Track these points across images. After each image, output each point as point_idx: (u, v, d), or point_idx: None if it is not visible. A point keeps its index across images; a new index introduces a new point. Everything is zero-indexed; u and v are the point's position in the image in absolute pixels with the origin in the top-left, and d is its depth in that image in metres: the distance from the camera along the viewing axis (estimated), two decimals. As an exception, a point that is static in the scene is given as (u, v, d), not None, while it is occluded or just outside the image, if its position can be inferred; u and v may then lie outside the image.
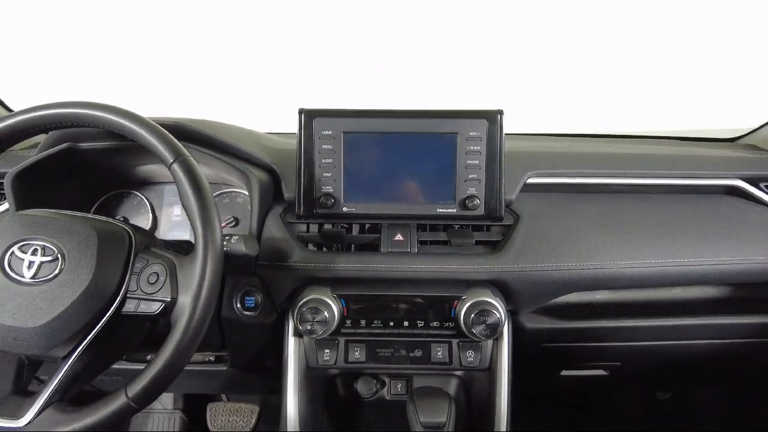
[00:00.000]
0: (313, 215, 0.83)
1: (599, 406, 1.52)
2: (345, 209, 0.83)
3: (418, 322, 0.81)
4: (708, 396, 1.36)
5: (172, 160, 0.63)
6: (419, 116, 0.82)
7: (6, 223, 0.63)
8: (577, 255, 0.82)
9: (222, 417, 1.43)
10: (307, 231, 0.84)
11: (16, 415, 0.59)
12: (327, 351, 0.82)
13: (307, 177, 0.82)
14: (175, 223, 1.00)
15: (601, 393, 1.49)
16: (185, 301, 0.60)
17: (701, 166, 0.94)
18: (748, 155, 1.01)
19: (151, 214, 0.99)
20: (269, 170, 0.88)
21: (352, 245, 0.84)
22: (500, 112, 0.81)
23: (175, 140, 0.65)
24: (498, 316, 0.74)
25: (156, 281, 0.61)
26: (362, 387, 0.91)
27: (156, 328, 0.74)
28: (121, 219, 0.98)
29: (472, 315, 0.74)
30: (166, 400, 1.47)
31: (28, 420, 0.58)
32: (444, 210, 0.82)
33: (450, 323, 0.80)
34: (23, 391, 0.62)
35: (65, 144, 0.84)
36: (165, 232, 0.99)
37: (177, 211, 1.00)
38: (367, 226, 0.86)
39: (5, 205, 0.87)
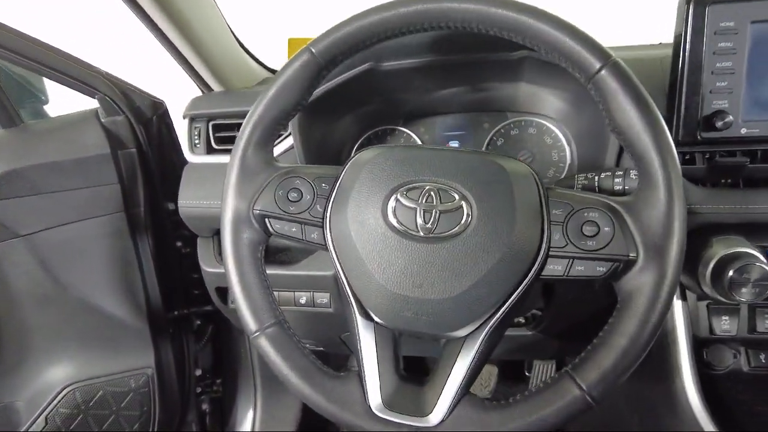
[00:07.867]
0: (697, 141, 0.62)
1: None
2: (743, 131, 0.61)
3: None
4: None
5: (599, 65, 0.44)
6: None
7: (380, 159, 0.49)
8: None
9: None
10: (684, 163, 0.64)
11: (421, 411, 0.46)
12: (725, 318, 0.63)
13: (690, 89, 0.60)
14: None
15: None
16: (648, 260, 0.43)
17: None
18: None
19: None
20: None
21: (759, 180, 0.62)
22: None
23: (599, 42, 0.46)
24: None
25: (596, 234, 0.45)
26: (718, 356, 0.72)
27: None
28: None
29: None
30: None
31: (440, 419, 0.45)
32: None
33: None
34: (402, 377, 0.49)
35: (367, 64, 0.70)
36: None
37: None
38: None
39: (289, 141, 0.77)
